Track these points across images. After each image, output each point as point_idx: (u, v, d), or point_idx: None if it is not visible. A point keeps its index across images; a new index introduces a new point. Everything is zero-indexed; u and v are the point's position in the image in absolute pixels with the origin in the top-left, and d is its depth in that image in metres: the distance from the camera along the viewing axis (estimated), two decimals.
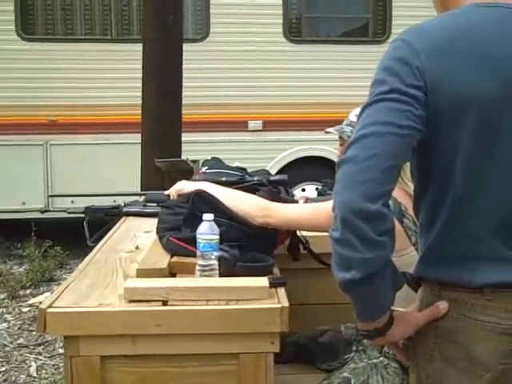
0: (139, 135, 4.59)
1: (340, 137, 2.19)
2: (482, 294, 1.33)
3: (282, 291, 1.75)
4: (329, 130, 2.25)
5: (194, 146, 5.34)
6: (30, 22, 6.16)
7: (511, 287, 1.32)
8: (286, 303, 1.67)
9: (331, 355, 2.19)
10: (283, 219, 1.94)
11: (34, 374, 3.80)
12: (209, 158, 2.60)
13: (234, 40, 6.25)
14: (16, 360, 3.98)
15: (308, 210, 2.00)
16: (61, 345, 4.08)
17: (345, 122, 2.20)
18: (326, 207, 1.88)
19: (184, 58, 4.66)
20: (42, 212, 3.04)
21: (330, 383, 2.01)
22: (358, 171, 1.23)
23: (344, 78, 6.22)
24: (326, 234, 2.00)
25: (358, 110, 1.64)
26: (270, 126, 6.33)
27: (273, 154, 6.32)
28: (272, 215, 1.94)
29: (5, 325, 4.50)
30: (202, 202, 1.99)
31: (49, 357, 4.01)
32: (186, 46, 4.74)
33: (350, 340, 2.16)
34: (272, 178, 2.28)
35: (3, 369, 3.86)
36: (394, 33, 6.07)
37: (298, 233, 2.20)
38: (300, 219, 1.93)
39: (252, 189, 2.15)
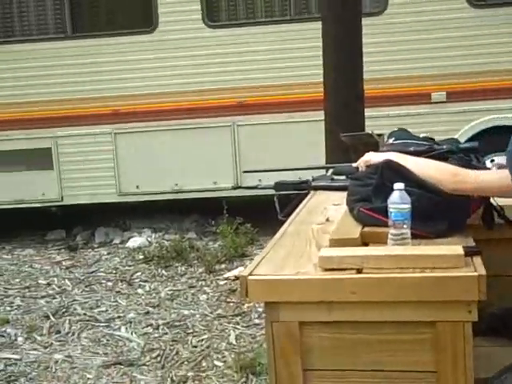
0: (321, 112, 4.65)
1: None
2: None
3: (478, 260, 1.72)
4: None
5: (376, 121, 5.30)
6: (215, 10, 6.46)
7: None
8: (483, 271, 1.64)
9: None
10: (476, 185, 1.88)
11: (234, 342, 4.03)
12: (395, 129, 2.58)
13: (413, 10, 6.08)
14: (216, 329, 4.25)
15: (504, 174, 1.91)
16: (256, 315, 4.29)
17: None
18: None
19: (363, 32, 4.63)
20: (235, 188, 3.18)
21: None
22: None
23: None
24: None
25: None
26: (454, 96, 6.11)
27: (458, 125, 6.09)
28: (464, 180, 1.89)
29: (204, 296, 4.82)
30: (390, 172, 1.98)
31: (246, 326, 4.24)
32: (364, 21, 4.71)
33: None
34: (462, 146, 2.22)
35: (205, 336, 4.14)
36: None
37: (492, 200, 2.13)
38: (494, 184, 1.86)
39: (442, 157, 2.11)
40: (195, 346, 4.03)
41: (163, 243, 5.98)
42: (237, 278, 4.82)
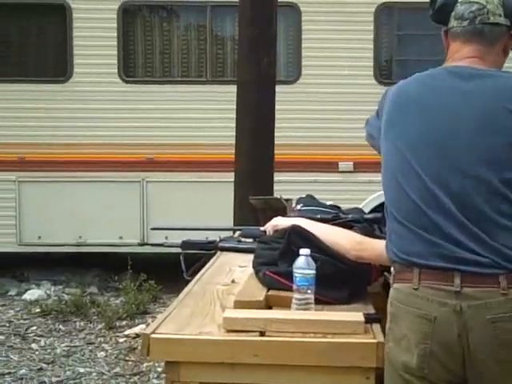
0: (231, 174, 4.71)
1: None
2: (411, 284, 1.63)
3: (377, 327, 1.76)
4: None
5: (285, 186, 5.40)
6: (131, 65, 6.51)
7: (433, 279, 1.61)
8: (381, 339, 1.69)
9: None
10: (377, 253, 1.94)
11: None
12: (303, 195, 2.66)
13: (326, 82, 6.32)
14: None
15: None
16: (155, 375, 4.18)
17: None
18: None
19: (276, 99, 4.77)
20: (141, 245, 3.15)
21: None
22: None
23: None
24: None
25: None
26: (360, 167, 6.31)
27: (363, 195, 6.28)
28: (366, 249, 1.96)
29: (102, 353, 4.66)
30: (297, 237, 2.03)
31: None
32: (278, 88, 4.85)
33: None
34: (366, 216, 2.31)
35: None
36: None
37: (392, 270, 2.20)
38: None
39: (347, 226, 2.18)
40: None
41: (62, 297, 5.79)
42: (137, 335, 4.70)
